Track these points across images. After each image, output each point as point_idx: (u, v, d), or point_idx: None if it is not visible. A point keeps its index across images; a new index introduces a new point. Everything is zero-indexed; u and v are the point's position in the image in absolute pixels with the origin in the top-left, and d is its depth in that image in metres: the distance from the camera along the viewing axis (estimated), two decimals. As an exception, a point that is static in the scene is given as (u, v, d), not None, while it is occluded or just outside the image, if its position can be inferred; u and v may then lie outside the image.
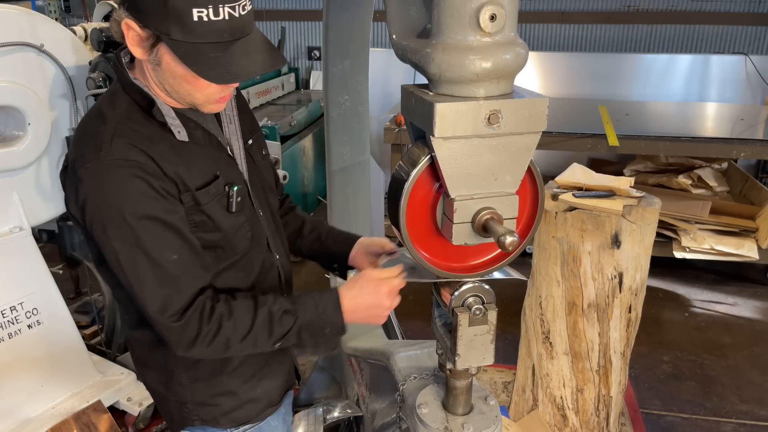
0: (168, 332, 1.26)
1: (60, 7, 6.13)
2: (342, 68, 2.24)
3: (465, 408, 1.48)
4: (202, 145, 1.33)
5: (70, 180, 1.26)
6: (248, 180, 1.43)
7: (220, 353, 1.31)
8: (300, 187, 4.95)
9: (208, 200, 1.30)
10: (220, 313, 1.26)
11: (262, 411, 1.55)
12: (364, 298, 1.34)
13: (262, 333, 1.29)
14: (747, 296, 4.12)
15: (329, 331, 1.34)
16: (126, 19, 1.19)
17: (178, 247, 1.25)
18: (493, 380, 3.11)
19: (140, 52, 1.22)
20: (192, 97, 1.27)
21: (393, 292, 1.35)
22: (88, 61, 2.67)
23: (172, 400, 1.49)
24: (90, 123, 1.29)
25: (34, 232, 2.59)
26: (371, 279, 1.35)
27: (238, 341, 1.28)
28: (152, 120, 1.28)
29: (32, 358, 2.54)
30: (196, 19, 1.13)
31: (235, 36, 1.18)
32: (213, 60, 1.17)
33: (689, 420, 2.98)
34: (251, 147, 1.47)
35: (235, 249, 1.38)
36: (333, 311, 1.33)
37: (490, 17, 1.05)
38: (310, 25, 5.97)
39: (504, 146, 1.15)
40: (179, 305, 1.24)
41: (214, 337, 1.26)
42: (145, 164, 1.22)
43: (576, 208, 2.29)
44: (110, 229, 1.22)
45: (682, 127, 4.42)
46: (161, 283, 1.23)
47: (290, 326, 1.30)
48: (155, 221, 1.22)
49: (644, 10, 5.32)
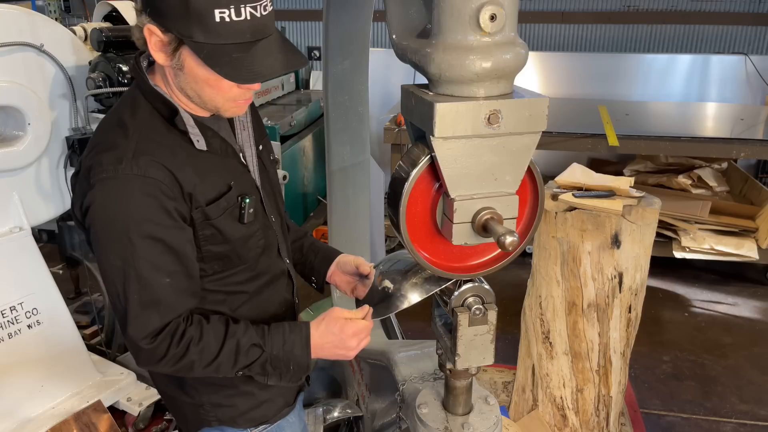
0: (137, 350, 1.26)
1: (60, 7, 6.13)
2: (342, 68, 2.24)
3: (465, 408, 1.48)
4: (218, 154, 1.33)
5: (81, 184, 1.26)
6: (260, 186, 1.43)
7: (182, 374, 1.33)
8: (300, 187, 4.94)
9: (218, 214, 1.30)
10: (189, 336, 1.27)
11: (279, 410, 1.56)
12: (329, 337, 1.35)
13: (227, 362, 1.30)
14: (747, 296, 4.12)
15: (294, 368, 1.35)
16: (148, 24, 1.18)
17: (172, 272, 1.25)
18: (493, 380, 3.11)
19: (163, 57, 1.21)
20: (215, 101, 1.26)
21: (359, 333, 1.35)
22: (88, 61, 2.67)
23: (188, 402, 1.50)
24: (110, 132, 1.27)
25: (34, 232, 2.59)
26: (337, 319, 1.36)
27: (201, 367, 1.29)
28: (173, 129, 1.28)
29: (32, 358, 2.54)
30: (218, 20, 1.13)
31: (257, 36, 1.19)
32: (236, 61, 1.17)
33: (689, 420, 2.98)
34: (261, 152, 1.47)
35: (243, 258, 1.38)
36: (300, 350, 1.34)
37: (490, 17, 1.05)
38: (310, 25, 5.97)
39: (504, 146, 1.15)
40: (155, 327, 1.24)
41: (179, 359, 1.27)
42: (163, 183, 1.21)
43: (576, 208, 2.29)
44: (109, 240, 1.22)
45: (682, 127, 4.42)
46: (145, 304, 1.23)
47: (255, 358, 1.31)
48: (158, 243, 1.22)
49: (644, 10, 5.32)
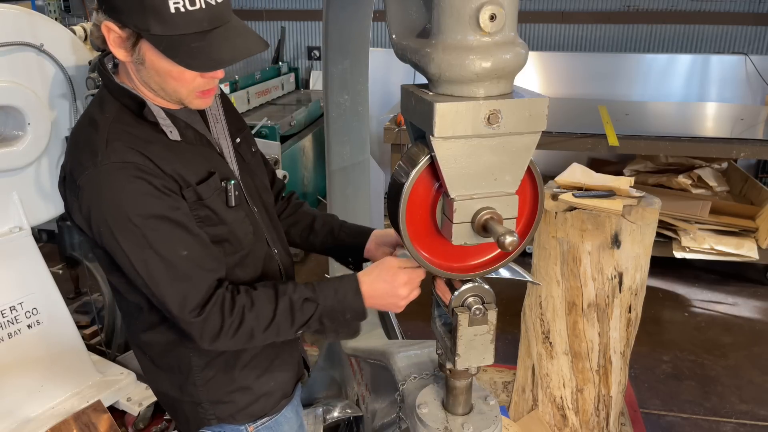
0: (191, 328, 1.26)
1: (60, 7, 6.12)
2: (342, 68, 2.24)
3: (465, 408, 1.48)
4: (193, 144, 1.34)
5: (70, 189, 1.26)
6: (239, 178, 1.43)
7: (244, 344, 1.32)
8: (300, 187, 4.95)
9: (209, 194, 1.31)
10: (241, 304, 1.27)
11: (277, 403, 1.56)
12: (380, 284, 1.34)
13: (284, 322, 1.30)
14: (747, 296, 4.12)
15: (350, 317, 1.35)
16: (105, 21, 1.19)
17: (187, 243, 1.25)
18: (493, 380, 3.11)
19: (123, 53, 1.22)
20: (178, 93, 1.27)
21: (411, 281, 1.35)
22: (88, 61, 2.67)
23: (187, 401, 1.50)
24: (82, 131, 1.28)
25: (34, 232, 2.59)
26: (390, 267, 1.35)
27: (261, 331, 1.29)
28: (144, 122, 1.28)
29: (32, 358, 2.54)
30: (173, 10, 1.14)
31: (215, 24, 1.19)
32: (195, 50, 1.17)
33: (689, 420, 2.98)
34: (239, 145, 1.47)
35: (242, 243, 1.39)
36: (353, 297, 1.34)
37: (489, 17, 1.05)
38: (310, 25, 5.97)
39: (504, 146, 1.15)
40: (197, 299, 1.25)
41: (237, 328, 1.27)
42: (143, 165, 1.22)
43: (576, 208, 2.29)
44: (118, 233, 1.22)
45: (682, 127, 4.42)
46: (176, 280, 1.24)
47: (311, 313, 1.31)
48: (162, 219, 1.23)
49: (644, 10, 5.32)
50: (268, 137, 4.32)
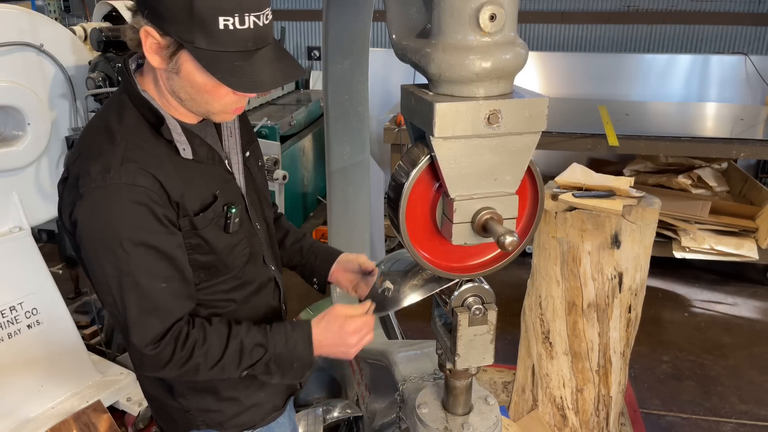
0: (141, 357, 1.26)
1: (60, 7, 6.13)
2: (342, 68, 2.24)
3: (465, 408, 1.48)
4: (204, 163, 1.33)
5: (69, 191, 1.24)
6: (245, 194, 1.42)
7: (188, 377, 1.32)
8: (300, 187, 4.95)
9: (205, 224, 1.30)
10: (194, 339, 1.27)
11: (267, 415, 1.55)
12: (329, 335, 1.35)
13: (231, 364, 1.30)
14: (747, 296, 4.12)
15: (297, 365, 1.35)
16: (146, 26, 1.17)
17: (168, 276, 1.25)
18: (493, 380, 3.11)
19: (158, 60, 1.20)
20: (209, 106, 1.25)
21: (359, 330, 1.36)
22: (88, 61, 2.67)
23: (176, 407, 1.49)
24: (97, 138, 1.25)
25: (33, 232, 2.59)
26: (338, 316, 1.36)
27: (207, 369, 1.29)
28: (159, 137, 1.27)
29: (32, 358, 2.54)
30: (222, 27, 1.12)
31: (258, 45, 1.18)
32: (237, 68, 1.16)
33: (689, 420, 2.98)
34: (248, 159, 1.46)
35: (229, 267, 1.38)
36: (303, 347, 1.34)
37: (489, 17, 1.05)
38: (310, 25, 5.97)
39: (504, 146, 1.15)
40: (157, 333, 1.24)
41: (185, 363, 1.27)
42: (152, 190, 1.21)
43: (576, 208, 2.29)
44: (103, 250, 1.21)
45: (682, 127, 4.42)
46: (145, 311, 1.23)
47: (259, 358, 1.31)
48: (151, 249, 1.21)
49: (644, 10, 5.32)
50: (268, 137, 4.31)
